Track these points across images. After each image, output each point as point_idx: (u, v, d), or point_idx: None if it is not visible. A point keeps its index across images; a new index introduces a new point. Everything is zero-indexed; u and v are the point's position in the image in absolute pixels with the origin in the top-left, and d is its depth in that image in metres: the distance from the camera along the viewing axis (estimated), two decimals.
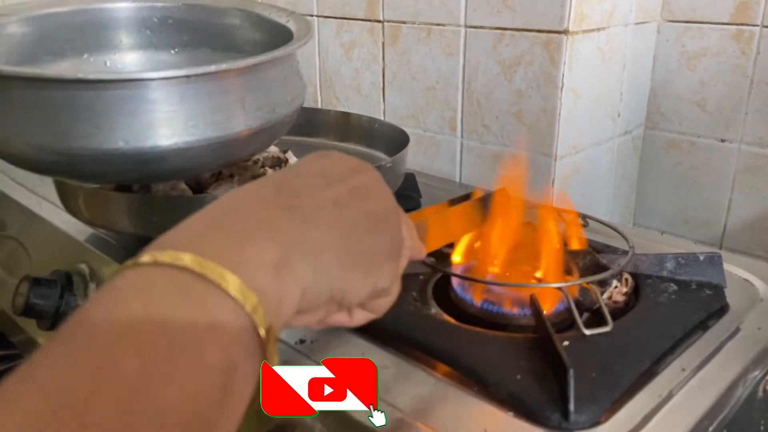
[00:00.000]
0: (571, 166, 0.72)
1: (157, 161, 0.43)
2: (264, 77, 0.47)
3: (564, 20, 0.64)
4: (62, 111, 0.41)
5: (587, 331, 0.41)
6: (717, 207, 0.77)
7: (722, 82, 0.73)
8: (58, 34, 0.58)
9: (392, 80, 0.84)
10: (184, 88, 0.42)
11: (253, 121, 0.45)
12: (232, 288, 0.22)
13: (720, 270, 0.49)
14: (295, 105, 0.52)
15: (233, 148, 0.46)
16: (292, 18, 0.56)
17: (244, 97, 0.45)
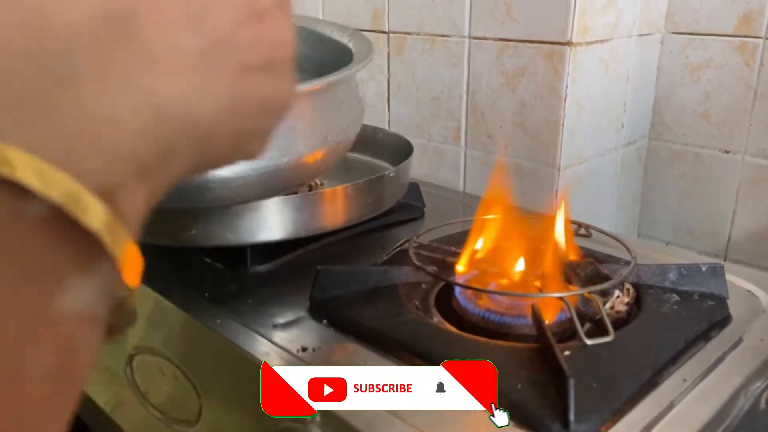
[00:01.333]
0: (574, 176, 0.72)
1: (201, 191, 0.42)
2: (317, 104, 0.45)
3: (567, 32, 0.64)
4: None
5: (589, 341, 0.41)
6: (721, 218, 0.77)
7: (726, 94, 0.74)
8: None
9: (397, 90, 0.84)
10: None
11: (303, 150, 0.44)
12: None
13: (722, 281, 0.49)
14: (351, 132, 0.50)
15: (279, 178, 0.45)
16: (354, 38, 0.55)
17: (294, 126, 0.43)
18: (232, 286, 0.54)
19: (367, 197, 0.60)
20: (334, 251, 0.62)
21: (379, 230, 0.67)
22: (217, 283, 0.55)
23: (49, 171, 0.15)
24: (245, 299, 0.51)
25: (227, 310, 0.50)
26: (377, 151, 0.78)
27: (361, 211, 0.60)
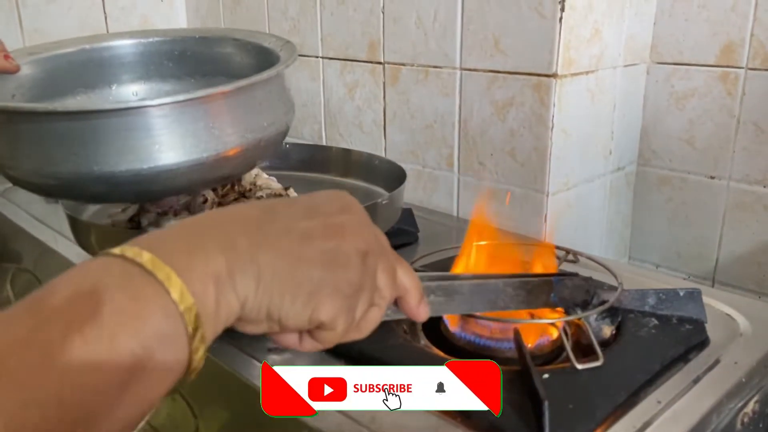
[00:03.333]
0: (563, 201, 0.74)
1: (131, 185, 0.47)
2: (234, 104, 0.50)
3: (552, 65, 0.67)
4: (57, 140, 0.46)
5: (579, 366, 0.43)
6: (708, 242, 0.79)
7: (710, 121, 0.76)
8: (86, 69, 0.65)
9: (393, 118, 0.87)
10: (155, 116, 0.46)
11: (222, 146, 0.49)
12: (173, 288, 0.25)
13: (700, 305, 0.51)
14: (273, 130, 0.54)
15: (204, 171, 0.49)
16: (285, 47, 0.60)
17: (213, 124, 0.48)
18: None
19: None
20: None
21: None
22: None
23: (186, 293, 0.25)
24: None
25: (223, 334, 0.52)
26: (372, 177, 0.80)
27: None
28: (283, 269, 0.29)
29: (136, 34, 0.68)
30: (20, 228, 0.80)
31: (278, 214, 0.31)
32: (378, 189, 0.79)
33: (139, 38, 0.67)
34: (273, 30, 1.02)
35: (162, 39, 0.67)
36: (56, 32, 1.06)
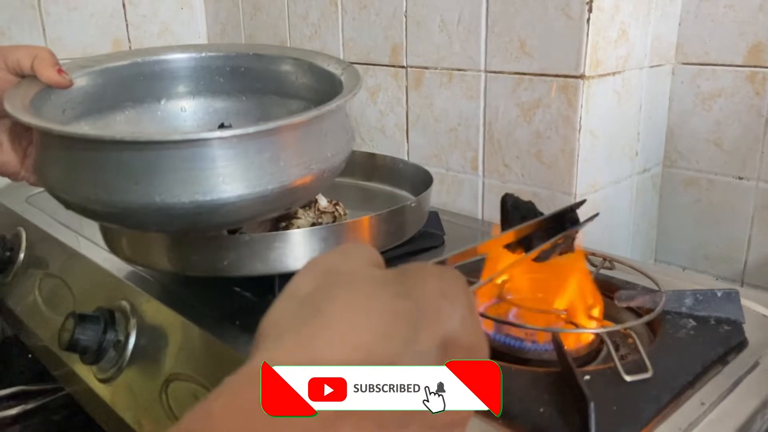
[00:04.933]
0: (590, 204, 0.74)
1: (193, 216, 0.46)
2: (301, 135, 0.49)
3: (580, 66, 0.67)
4: (118, 168, 0.44)
5: (628, 378, 0.42)
6: (737, 243, 0.78)
7: (737, 122, 0.75)
8: (136, 83, 0.64)
9: (415, 122, 0.87)
10: (219, 147, 0.44)
11: (287, 178, 0.47)
12: None
13: (738, 306, 0.51)
14: (337, 160, 0.53)
15: (267, 204, 0.48)
16: (347, 71, 0.59)
17: (279, 156, 0.47)
18: (261, 314, 0.56)
19: (389, 227, 0.62)
20: None
21: (402, 258, 0.68)
22: (247, 311, 0.57)
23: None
24: None
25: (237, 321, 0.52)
26: (397, 181, 0.80)
27: (384, 241, 0.62)
28: None
29: (188, 48, 0.67)
30: (47, 234, 0.81)
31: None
32: (403, 193, 0.79)
33: (192, 52, 0.66)
34: (294, 36, 1.03)
35: (215, 54, 0.66)
36: (78, 40, 1.07)
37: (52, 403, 0.82)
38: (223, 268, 0.55)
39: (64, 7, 1.06)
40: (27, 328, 0.78)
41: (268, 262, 0.55)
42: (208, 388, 0.51)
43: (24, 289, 0.81)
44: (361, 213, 0.76)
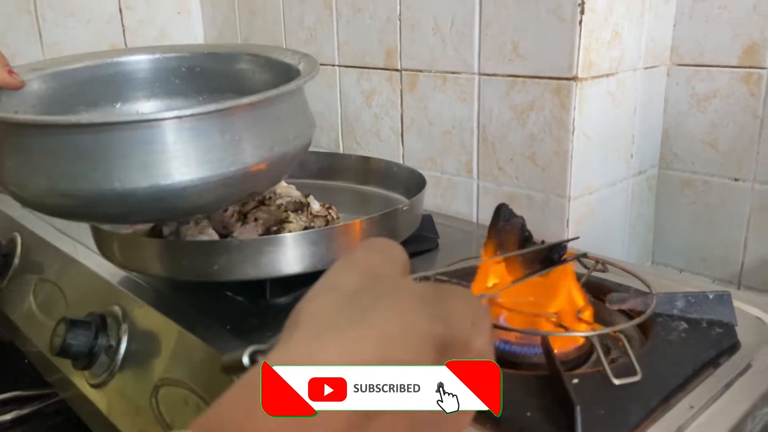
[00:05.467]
0: (585, 206, 0.74)
1: (155, 202, 0.45)
2: (259, 116, 0.49)
3: (573, 68, 0.66)
4: (75, 154, 0.44)
5: (617, 381, 0.41)
6: (733, 245, 0.78)
7: (733, 123, 0.75)
8: (90, 86, 0.63)
9: (410, 125, 0.87)
10: (178, 129, 0.44)
11: (250, 159, 0.47)
12: None
13: (730, 308, 0.50)
14: (298, 143, 0.53)
15: (231, 187, 0.48)
16: (304, 60, 0.59)
17: (239, 137, 0.46)
18: (253, 318, 0.57)
19: (381, 230, 0.62)
20: None
21: None
22: (238, 316, 0.57)
23: None
24: (265, 332, 0.53)
25: (250, 342, 0.52)
26: (391, 184, 0.80)
27: None
28: None
29: (142, 50, 0.66)
30: (42, 239, 0.81)
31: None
32: (397, 196, 0.79)
33: (145, 54, 0.65)
34: (290, 40, 1.03)
35: (170, 55, 0.65)
36: (75, 45, 1.07)
37: (48, 409, 0.82)
38: (213, 273, 0.55)
39: (61, 13, 1.06)
40: (22, 333, 0.78)
41: (260, 266, 0.55)
42: (198, 394, 0.51)
43: (19, 294, 0.81)
44: (355, 217, 0.76)
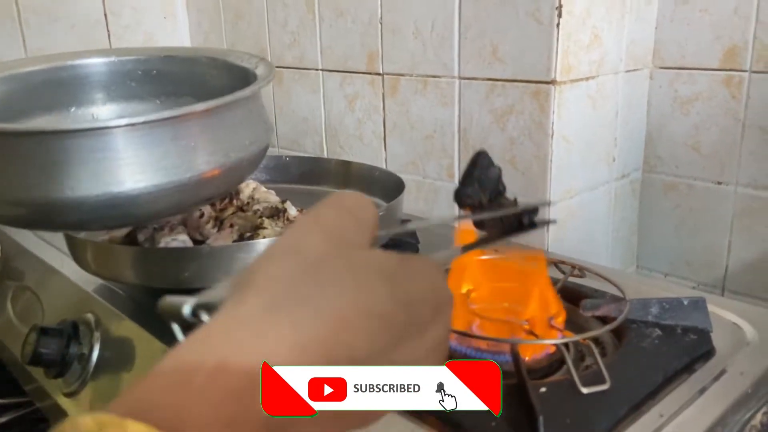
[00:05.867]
0: (566, 210, 0.73)
1: (110, 209, 0.45)
2: (214, 122, 0.48)
3: (551, 71, 0.66)
4: (25, 162, 0.43)
5: (585, 389, 0.41)
6: (717, 249, 0.77)
7: (715, 126, 0.74)
8: (44, 90, 0.62)
9: (392, 129, 0.87)
10: (130, 136, 0.43)
11: (204, 166, 0.46)
12: None
13: (705, 314, 0.50)
14: (255, 149, 0.52)
15: (186, 193, 0.47)
16: (260, 64, 0.58)
17: (194, 143, 0.46)
18: None
19: None
20: None
21: None
22: None
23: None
24: None
25: None
26: (372, 189, 0.79)
27: None
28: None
29: (97, 52, 0.65)
30: (21, 246, 0.80)
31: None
32: (378, 200, 0.78)
33: (101, 57, 0.64)
34: (274, 44, 1.02)
35: (125, 58, 0.64)
36: (60, 50, 1.07)
37: (29, 416, 0.81)
38: (185, 280, 0.54)
39: (45, 18, 1.05)
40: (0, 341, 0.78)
41: (231, 273, 0.54)
42: None
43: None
44: None
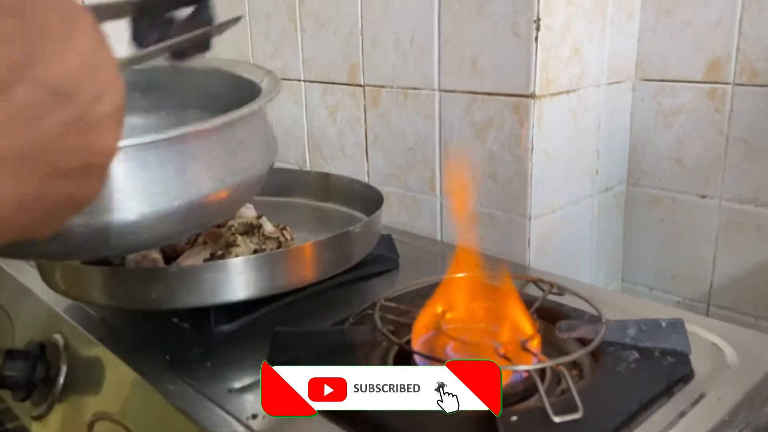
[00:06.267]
0: (548, 225, 0.72)
1: (85, 241, 0.40)
2: (209, 144, 0.44)
3: (530, 85, 0.65)
4: None
5: (557, 419, 0.40)
6: (702, 263, 0.76)
7: (699, 139, 0.74)
8: None
9: (374, 141, 0.85)
10: (116, 160, 0.40)
11: (195, 193, 0.42)
12: None
13: (684, 336, 0.48)
14: (254, 172, 0.48)
15: (174, 224, 0.42)
16: (267, 77, 0.55)
17: (184, 168, 0.41)
18: (195, 347, 0.55)
19: (332, 254, 0.60)
20: (301, 307, 0.62)
21: (351, 283, 0.67)
22: (180, 344, 0.55)
23: None
24: (205, 362, 0.51)
25: (185, 374, 0.50)
26: (352, 202, 0.78)
27: (328, 268, 0.60)
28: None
29: None
30: None
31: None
32: (358, 214, 0.77)
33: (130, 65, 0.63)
34: (256, 54, 1.01)
35: (128, 69, 0.64)
36: None
37: None
38: (152, 301, 0.53)
39: None
40: None
41: (200, 294, 0.53)
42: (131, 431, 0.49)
43: None
44: (312, 236, 0.74)
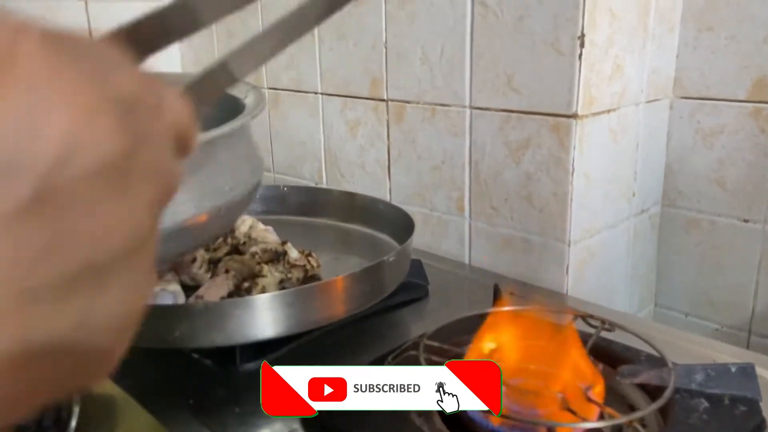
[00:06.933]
0: (586, 250, 0.68)
1: None
2: (185, 166, 0.41)
3: (572, 104, 0.61)
4: None
5: None
6: (743, 289, 0.73)
7: (742, 161, 0.70)
8: None
9: (397, 158, 0.82)
10: None
11: (171, 219, 0.38)
12: None
13: (755, 382, 0.45)
14: (236, 194, 0.45)
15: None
16: (251, 93, 0.51)
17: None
18: (220, 389, 0.50)
19: (365, 286, 0.56)
20: (331, 341, 0.58)
21: (381, 314, 0.63)
22: (203, 385, 0.51)
23: None
24: (232, 407, 0.47)
25: (211, 420, 0.46)
26: (377, 223, 0.74)
27: (360, 302, 0.56)
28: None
29: None
30: None
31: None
32: (384, 236, 0.73)
33: None
34: (269, 64, 0.97)
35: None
36: None
37: None
38: (174, 340, 0.49)
39: None
40: None
41: (226, 332, 0.49)
42: None
43: None
44: (338, 262, 0.70)
